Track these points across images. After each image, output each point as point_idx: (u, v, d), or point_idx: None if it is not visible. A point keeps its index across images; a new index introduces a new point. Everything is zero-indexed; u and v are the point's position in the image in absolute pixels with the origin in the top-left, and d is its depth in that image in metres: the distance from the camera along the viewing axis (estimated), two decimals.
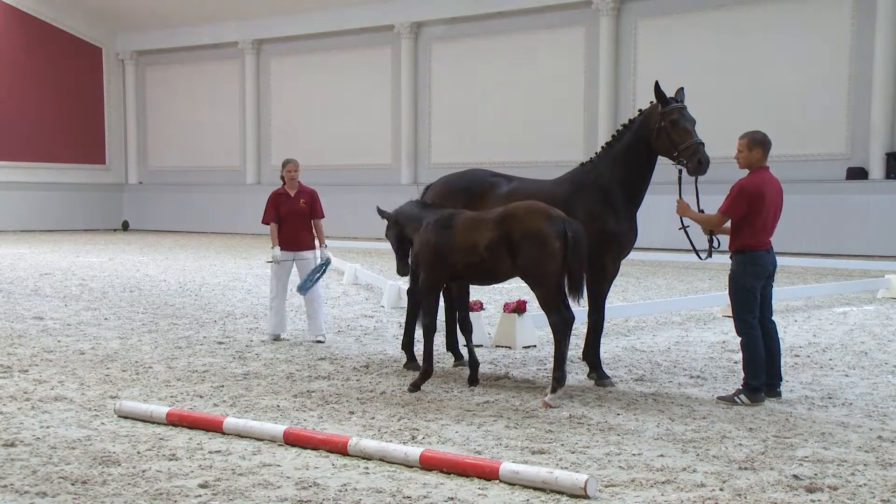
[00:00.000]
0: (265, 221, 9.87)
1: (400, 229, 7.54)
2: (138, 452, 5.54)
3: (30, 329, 10.35)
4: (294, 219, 9.75)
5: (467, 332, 7.57)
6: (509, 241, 6.78)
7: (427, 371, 7.28)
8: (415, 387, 7.22)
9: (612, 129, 22.21)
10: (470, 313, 9.38)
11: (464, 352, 7.62)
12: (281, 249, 9.71)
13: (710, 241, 7.37)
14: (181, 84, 34.47)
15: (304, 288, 9.56)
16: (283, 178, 9.89)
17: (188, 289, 14.83)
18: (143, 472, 5.17)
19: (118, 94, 35.83)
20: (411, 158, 29.12)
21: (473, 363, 7.46)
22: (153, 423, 6.18)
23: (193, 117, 34.14)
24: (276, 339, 9.69)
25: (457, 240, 7.03)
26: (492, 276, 7.16)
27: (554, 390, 6.72)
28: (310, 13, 30.44)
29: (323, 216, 10.04)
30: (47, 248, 23.95)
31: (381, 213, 7.79)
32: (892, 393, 7.19)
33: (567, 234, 6.64)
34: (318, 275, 9.65)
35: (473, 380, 7.43)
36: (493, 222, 6.89)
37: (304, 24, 30.73)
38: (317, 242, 9.99)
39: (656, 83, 7.36)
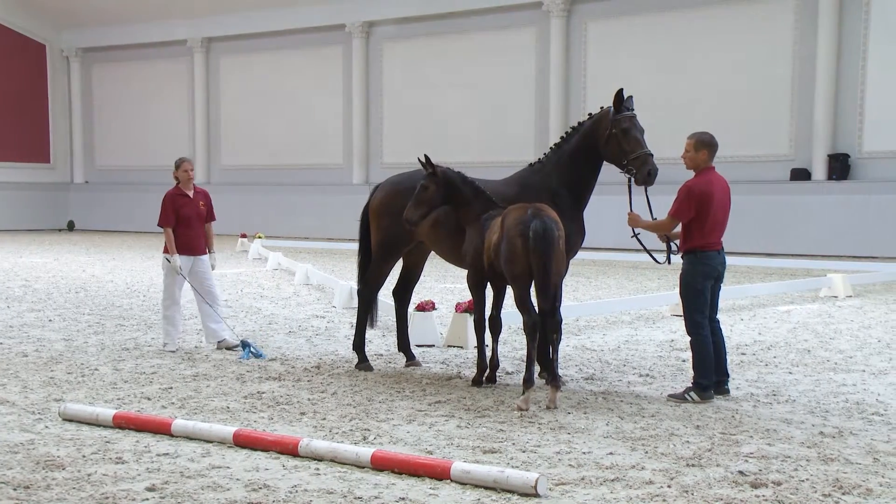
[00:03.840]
0: (165, 224, 9.15)
1: (446, 196, 7.35)
2: (83, 456, 5.45)
3: None
4: (193, 222, 9.23)
5: (496, 331, 7.46)
6: (500, 242, 6.86)
7: (480, 365, 7.45)
8: (475, 382, 7.41)
9: (562, 129, 22.38)
10: (425, 313, 9.45)
11: (487, 351, 7.60)
12: (178, 254, 9.12)
13: (668, 247, 7.45)
14: (129, 82, 33.93)
15: (255, 354, 8.78)
16: (176, 178, 9.31)
17: (136, 290, 14.61)
18: (89, 475, 5.08)
19: (63, 91, 35.16)
20: (363, 159, 29.04)
21: (494, 363, 7.46)
22: (99, 426, 6.08)
23: (141, 116, 33.63)
24: (173, 351, 9.02)
25: (484, 240, 7.14)
26: (504, 278, 7.13)
27: (523, 392, 6.70)
28: (260, 11, 30.18)
29: (215, 219, 9.61)
30: None
31: (429, 165, 7.36)
32: (833, 390, 7.36)
33: (529, 232, 6.62)
34: (250, 349, 8.79)
35: (491, 378, 7.44)
36: (499, 223, 6.96)
37: (255, 22, 30.47)
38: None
39: (620, 90, 7.41)
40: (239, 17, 30.80)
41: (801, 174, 21.96)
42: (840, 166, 21.36)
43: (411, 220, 7.38)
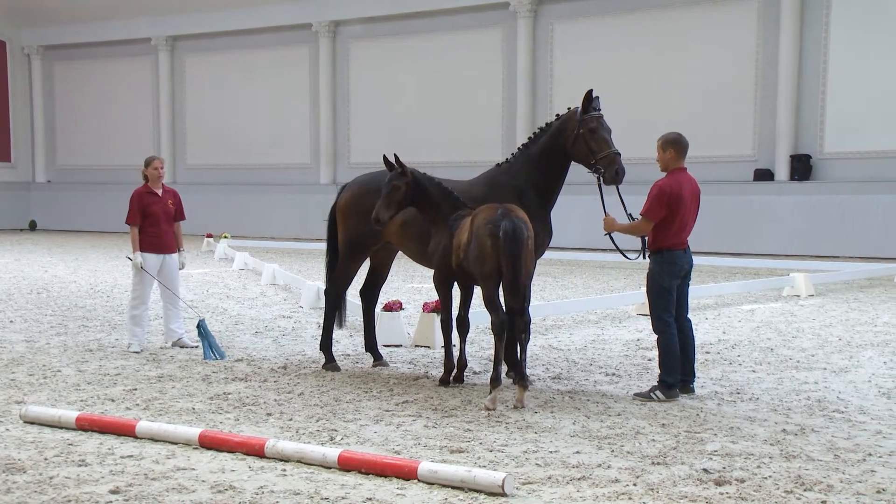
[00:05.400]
0: (132, 222, 9.12)
1: (415, 197, 7.31)
2: (45, 459, 5.37)
3: None
4: (162, 220, 9.19)
5: (463, 331, 7.43)
6: (470, 242, 6.87)
7: (447, 365, 7.46)
8: (443, 382, 7.43)
9: (529, 129, 22.49)
10: (392, 313, 9.44)
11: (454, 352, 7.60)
12: (147, 252, 9.11)
13: (643, 243, 7.51)
14: (92, 80, 33.52)
15: (217, 353, 8.68)
16: (145, 176, 9.29)
17: (99, 290, 14.44)
18: (51, 478, 5.01)
19: (24, 89, 34.64)
20: (330, 158, 28.94)
21: (462, 363, 7.46)
22: (62, 428, 6.01)
23: (105, 114, 33.24)
24: (138, 352, 8.93)
25: (453, 240, 7.13)
26: (474, 278, 7.12)
27: (490, 391, 6.69)
28: (225, 10, 29.97)
29: (185, 218, 9.57)
30: None
31: (399, 165, 7.30)
32: (795, 388, 7.46)
33: (499, 232, 6.64)
34: (208, 339, 8.71)
35: (459, 378, 7.46)
36: (469, 223, 6.96)
37: (220, 21, 30.25)
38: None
39: (590, 91, 7.45)
40: (204, 15, 30.55)
41: (764, 175, 22.25)
42: (802, 167, 21.69)
43: (382, 219, 7.30)
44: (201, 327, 8.77)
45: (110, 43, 32.71)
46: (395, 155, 7.44)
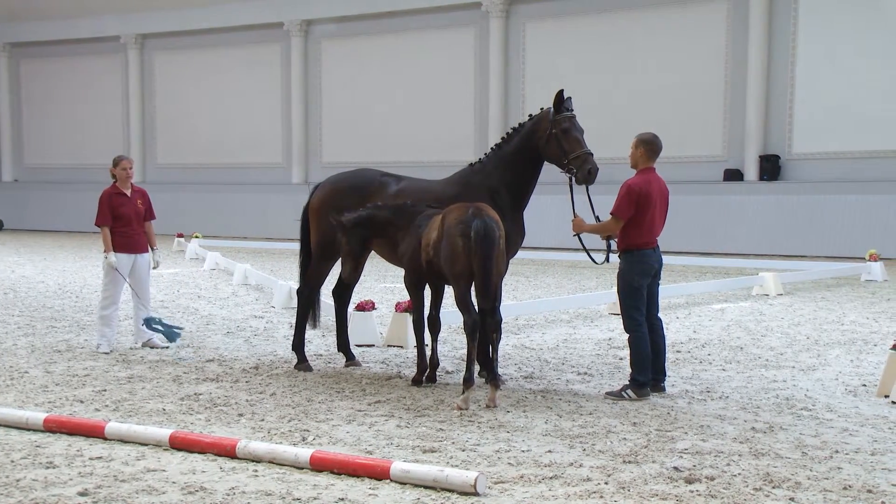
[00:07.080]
0: (102, 224, 9.08)
1: (364, 236, 7.39)
2: (12, 461, 5.31)
3: None
4: (132, 220, 9.16)
5: (435, 330, 7.46)
6: (440, 240, 6.85)
7: (420, 365, 7.44)
8: (416, 382, 7.41)
9: (501, 129, 22.54)
10: (365, 312, 9.42)
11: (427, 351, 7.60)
12: (118, 252, 9.06)
13: (608, 245, 7.56)
14: (60, 78, 33.13)
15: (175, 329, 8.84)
16: (114, 176, 9.23)
17: (68, 290, 14.28)
18: (18, 481, 4.96)
19: None
20: (302, 158, 28.83)
21: (434, 362, 7.48)
22: (29, 430, 5.94)
23: (73, 113, 32.87)
24: (108, 353, 8.87)
25: (422, 239, 7.11)
26: (444, 277, 7.12)
27: (463, 391, 6.70)
28: (196, 8, 29.76)
29: (155, 217, 9.55)
30: None
31: (334, 220, 7.47)
32: (764, 386, 7.54)
33: (471, 232, 6.64)
34: (161, 325, 8.89)
35: (431, 378, 7.47)
36: (439, 222, 6.94)
37: (191, 19, 30.02)
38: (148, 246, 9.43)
39: (560, 91, 7.49)
40: (174, 13, 30.31)
41: (733, 175, 22.47)
42: (771, 167, 21.93)
43: (347, 278, 7.64)
44: (150, 321, 8.73)
45: (79, 41, 32.35)
46: (331, 216, 7.46)
